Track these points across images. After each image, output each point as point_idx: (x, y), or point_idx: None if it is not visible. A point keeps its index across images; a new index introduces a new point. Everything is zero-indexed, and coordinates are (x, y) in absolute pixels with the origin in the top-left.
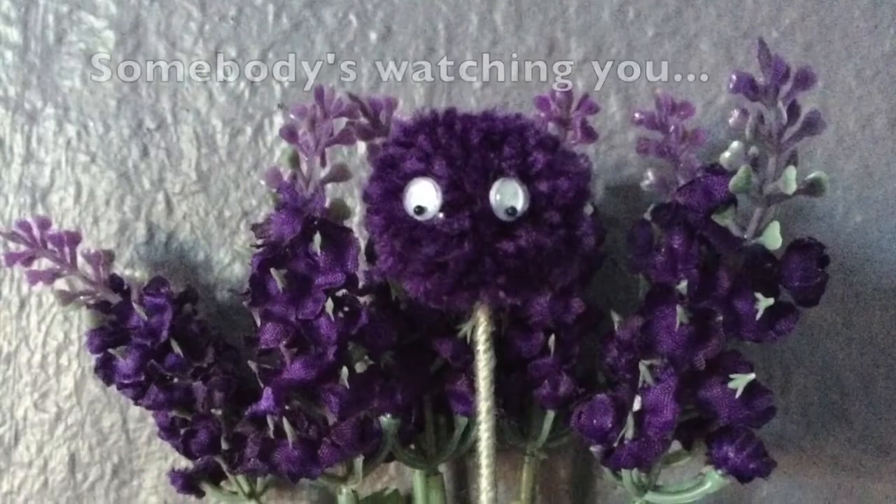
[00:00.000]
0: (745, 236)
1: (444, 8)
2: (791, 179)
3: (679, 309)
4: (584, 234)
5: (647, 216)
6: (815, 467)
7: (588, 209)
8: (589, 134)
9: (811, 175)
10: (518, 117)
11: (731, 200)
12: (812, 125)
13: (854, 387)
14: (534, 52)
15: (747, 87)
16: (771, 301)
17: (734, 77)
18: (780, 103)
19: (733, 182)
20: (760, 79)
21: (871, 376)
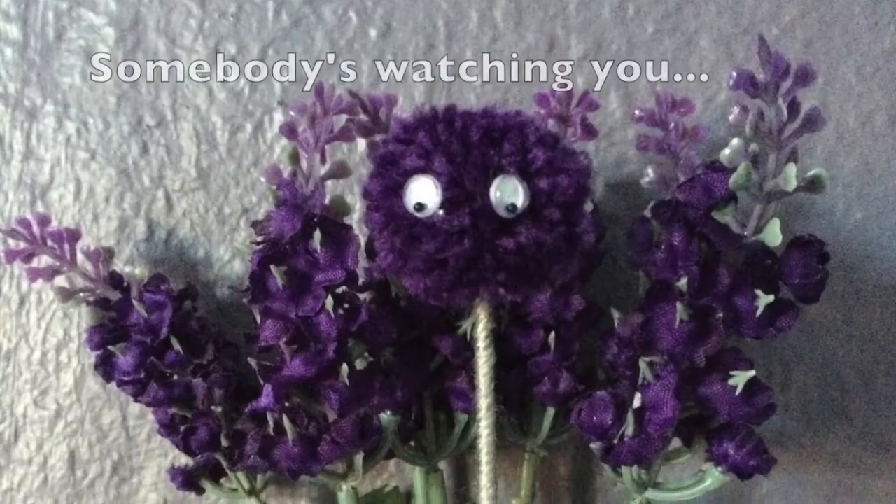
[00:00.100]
0: (746, 233)
1: (444, 5)
2: (791, 176)
3: (679, 306)
4: (584, 230)
5: (647, 213)
6: (815, 464)
7: (588, 206)
8: (589, 131)
9: (811, 172)
10: (518, 114)
11: (731, 197)
12: (812, 122)
13: (854, 384)
14: (534, 49)
15: (747, 83)
16: (771, 298)
17: (734, 74)
18: (781, 100)
19: (733, 179)
20: (761, 75)
21: (871, 373)
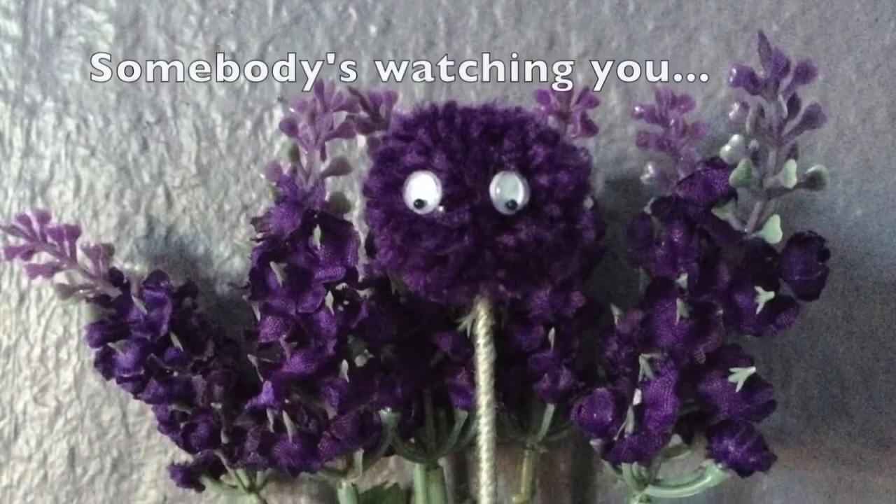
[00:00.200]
0: (746, 230)
1: (444, 2)
2: (791, 173)
3: (679, 303)
4: (585, 227)
5: (648, 210)
6: (815, 461)
7: (588, 203)
8: (589, 127)
9: (811, 169)
10: (518, 111)
11: (731, 194)
12: (812, 119)
13: (854, 381)
14: (534, 45)
15: (747, 80)
16: (771, 295)
17: (734, 71)
18: (781, 97)
19: (733, 176)
20: (761, 72)
21: (871, 370)
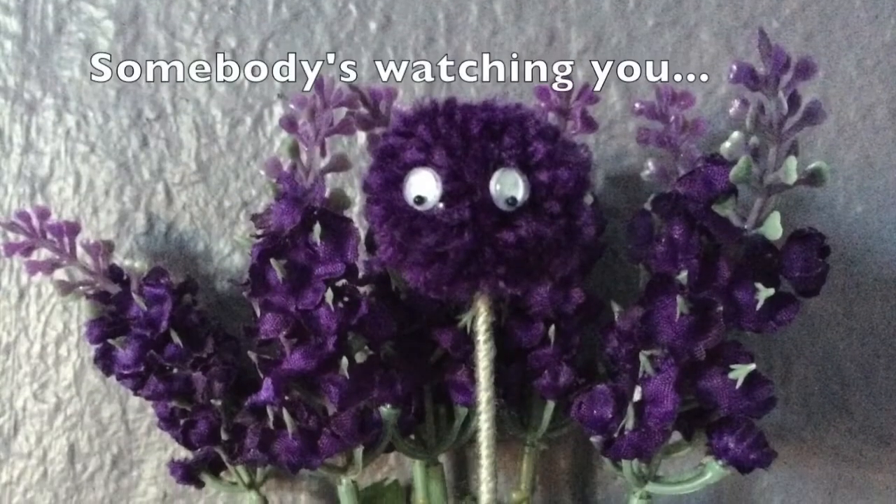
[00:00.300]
0: (746, 226)
1: None
2: (791, 169)
3: (679, 299)
4: (585, 224)
5: (648, 206)
6: (815, 458)
7: (588, 199)
8: (589, 124)
9: (812, 165)
10: (518, 107)
11: (731, 190)
12: (813, 115)
13: (855, 377)
14: (534, 42)
15: (748, 77)
16: (771, 291)
17: (734, 67)
18: (781, 93)
19: (734, 172)
20: (761, 69)
21: (871, 367)
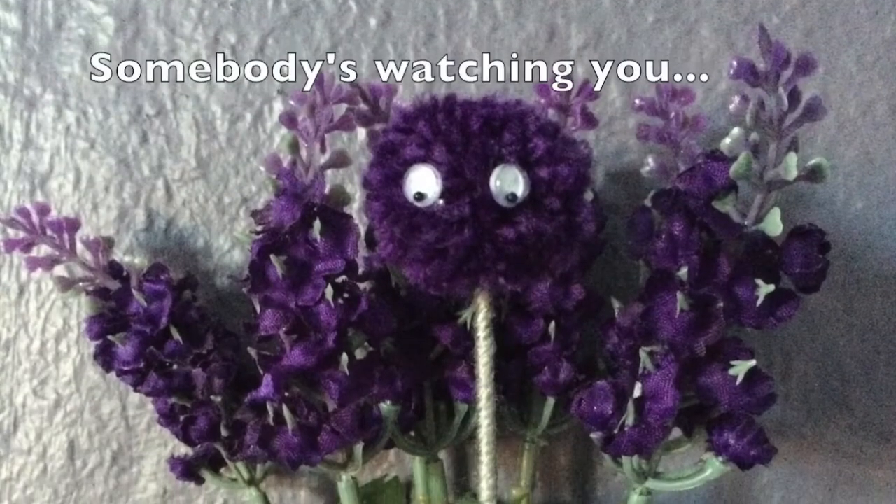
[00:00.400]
0: (746, 222)
1: None
2: (792, 165)
3: (679, 295)
4: (585, 220)
5: (648, 202)
6: (815, 454)
7: (588, 195)
8: (589, 120)
9: (812, 161)
10: (518, 103)
11: (731, 187)
12: (813, 111)
13: (855, 373)
14: (534, 38)
15: (748, 73)
16: (772, 287)
17: (735, 63)
18: (781, 89)
19: (734, 168)
20: (761, 65)
21: (872, 363)
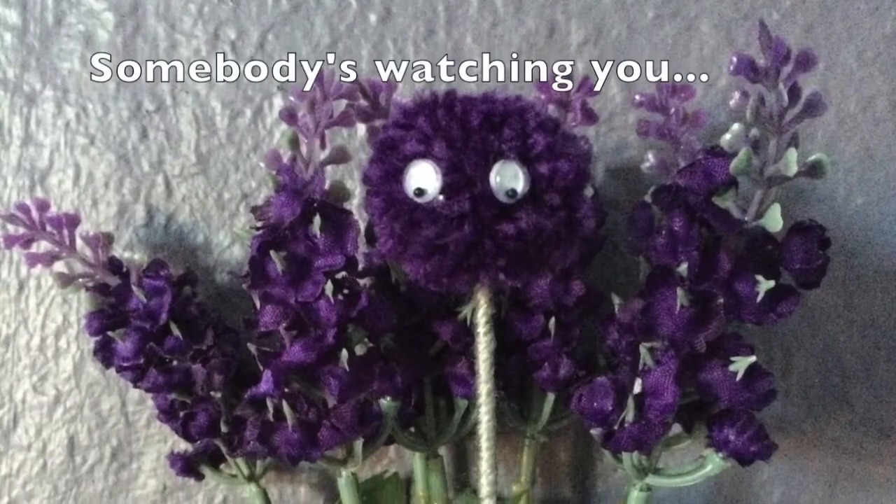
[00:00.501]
0: (746, 218)
1: None
2: (792, 161)
3: (679, 291)
4: (585, 216)
5: (648, 198)
6: (816, 450)
7: (588, 191)
8: (589, 116)
9: (812, 157)
10: (518, 99)
11: (731, 183)
12: (813, 107)
13: (855, 369)
14: (534, 34)
15: (748, 69)
16: (772, 283)
17: (735, 59)
18: (781, 85)
19: (734, 164)
20: (761, 61)
21: (872, 359)
